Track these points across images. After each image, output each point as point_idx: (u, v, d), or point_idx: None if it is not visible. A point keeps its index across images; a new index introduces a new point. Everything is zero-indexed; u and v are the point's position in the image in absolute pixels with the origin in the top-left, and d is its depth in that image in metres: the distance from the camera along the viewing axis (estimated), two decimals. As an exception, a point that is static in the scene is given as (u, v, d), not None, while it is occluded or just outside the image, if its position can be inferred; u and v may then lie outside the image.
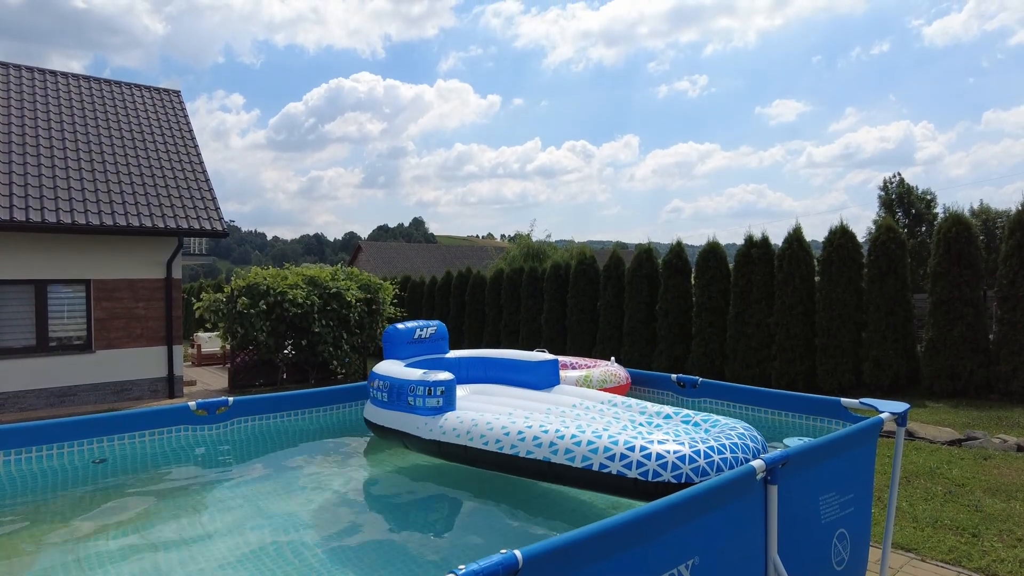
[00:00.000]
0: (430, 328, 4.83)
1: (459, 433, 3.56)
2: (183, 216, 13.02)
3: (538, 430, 3.33)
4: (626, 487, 3.00)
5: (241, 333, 13.18)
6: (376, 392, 4.09)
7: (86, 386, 12.26)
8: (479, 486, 3.95)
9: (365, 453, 4.53)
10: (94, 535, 3.11)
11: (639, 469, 2.96)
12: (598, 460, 3.06)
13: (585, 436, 3.19)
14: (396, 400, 3.91)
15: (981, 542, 4.66)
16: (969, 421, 8.59)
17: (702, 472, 2.93)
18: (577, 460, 3.11)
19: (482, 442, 3.43)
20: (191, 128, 15.39)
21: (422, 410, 3.79)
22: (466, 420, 3.62)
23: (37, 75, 14.17)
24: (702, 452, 2.99)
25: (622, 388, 5.58)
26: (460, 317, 19.91)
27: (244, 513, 3.40)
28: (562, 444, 3.19)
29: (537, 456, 3.23)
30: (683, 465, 2.94)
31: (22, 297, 11.78)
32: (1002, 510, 5.27)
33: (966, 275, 10.22)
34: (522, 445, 3.30)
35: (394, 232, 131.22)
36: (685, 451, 2.98)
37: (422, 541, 3.27)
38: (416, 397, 3.81)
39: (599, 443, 3.11)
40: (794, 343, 11.64)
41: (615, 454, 3.03)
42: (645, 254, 14.50)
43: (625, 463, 3.00)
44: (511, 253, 28.68)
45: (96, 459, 3.76)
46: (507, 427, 3.44)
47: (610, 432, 3.23)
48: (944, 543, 4.65)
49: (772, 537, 2.75)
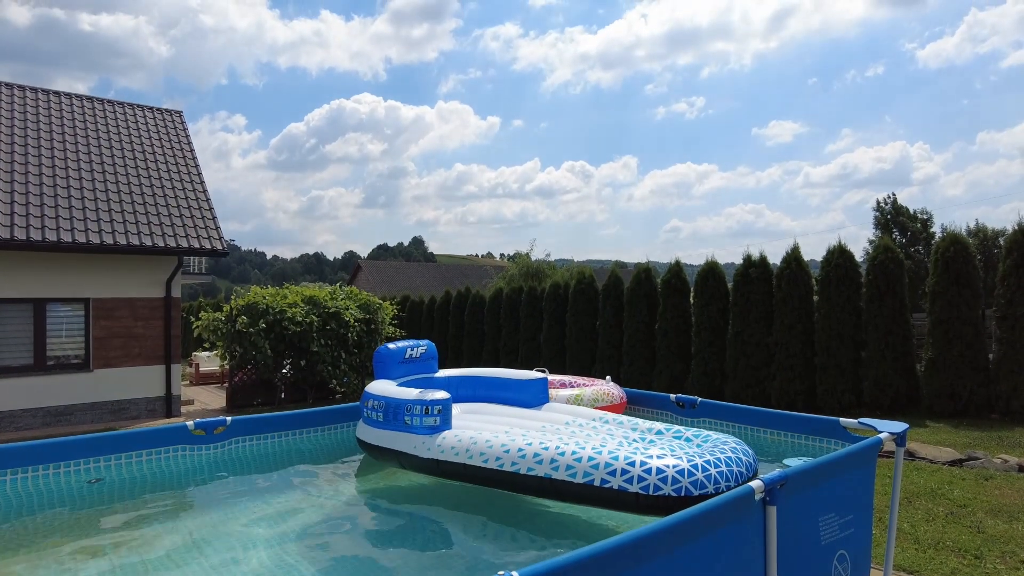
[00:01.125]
0: (420, 348, 4.87)
1: (458, 451, 3.58)
2: (183, 235, 13.06)
3: (538, 447, 3.37)
4: (627, 502, 3.04)
5: (240, 352, 13.15)
6: (370, 412, 4.10)
7: (83, 405, 12.20)
8: (476, 506, 3.92)
9: (362, 473, 4.50)
10: (90, 555, 3.09)
11: (640, 484, 3.00)
12: (599, 476, 3.10)
13: (586, 452, 3.23)
14: (392, 419, 3.92)
15: (983, 564, 4.62)
16: (970, 441, 8.56)
17: (700, 485, 2.97)
18: (579, 476, 3.15)
19: (482, 460, 3.46)
20: (192, 148, 15.50)
21: (419, 429, 3.81)
22: (464, 438, 3.64)
23: (41, 95, 14.31)
24: (700, 466, 3.04)
25: (616, 408, 5.56)
26: (459, 337, 19.89)
27: (240, 533, 3.37)
28: (563, 460, 3.23)
29: (538, 473, 3.27)
30: (683, 479, 2.98)
31: (21, 315, 11.77)
32: (1004, 531, 5.23)
33: (965, 294, 10.24)
34: (523, 462, 3.33)
35: (394, 251, 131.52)
36: (684, 465, 3.04)
37: (420, 561, 3.24)
38: (413, 416, 3.83)
39: (600, 459, 3.16)
40: (793, 362, 11.62)
41: (616, 469, 3.08)
42: (644, 273, 14.53)
43: (626, 478, 3.04)
44: (510, 272, 28.74)
45: (92, 479, 3.73)
46: (507, 444, 3.47)
47: (609, 448, 3.27)
48: (946, 565, 4.61)
49: (771, 559, 2.73)
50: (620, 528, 3.55)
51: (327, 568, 3.04)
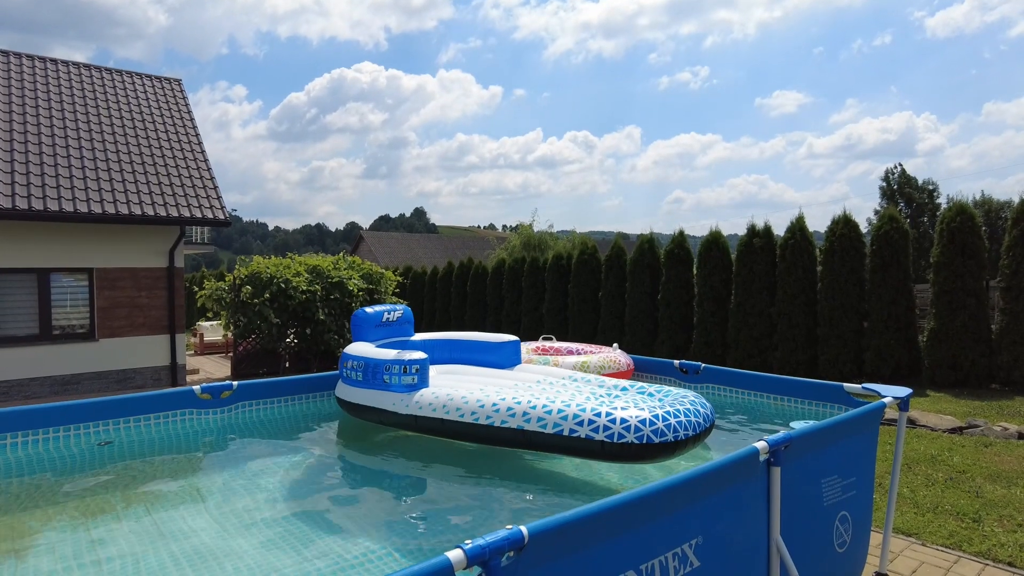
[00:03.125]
0: (397, 312, 5.02)
1: (435, 407, 3.78)
2: (185, 205, 13.01)
3: (511, 401, 3.59)
4: (593, 450, 3.31)
5: (244, 322, 13.20)
6: (350, 372, 4.26)
7: (89, 374, 12.29)
8: (485, 465, 4.00)
9: (368, 435, 4.55)
10: (100, 511, 3.14)
11: (605, 432, 3.26)
12: (568, 426, 3.35)
13: (555, 405, 3.47)
14: (371, 379, 4.10)
15: (981, 527, 4.68)
16: (970, 410, 8.61)
17: (660, 434, 3.23)
18: (549, 427, 3.40)
19: (458, 415, 3.68)
20: (192, 116, 15.35)
21: (397, 387, 4.00)
22: (441, 395, 3.84)
23: (38, 63, 14.13)
24: (660, 416, 3.30)
25: (624, 375, 5.58)
26: (462, 307, 19.93)
27: (245, 491, 3.42)
28: (534, 413, 3.47)
29: (511, 425, 3.51)
30: (644, 427, 3.23)
31: (25, 286, 11.79)
32: (1002, 496, 5.29)
33: (969, 265, 10.20)
34: (496, 416, 3.56)
35: (396, 223, 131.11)
36: (646, 415, 3.29)
37: (429, 517, 3.29)
38: (392, 375, 4.01)
39: (568, 411, 3.40)
40: (796, 332, 11.64)
41: (583, 420, 3.33)
42: (647, 244, 14.48)
43: (592, 427, 3.29)
44: (512, 243, 28.67)
45: (101, 441, 3.78)
46: (481, 400, 3.68)
47: (577, 402, 3.50)
48: (945, 528, 4.67)
49: (775, 518, 2.76)
50: (625, 487, 3.60)
51: (331, 525, 3.09)
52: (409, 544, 2.92)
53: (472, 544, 1.65)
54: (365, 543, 2.87)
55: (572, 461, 3.98)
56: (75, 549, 2.77)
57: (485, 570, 1.68)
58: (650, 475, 3.68)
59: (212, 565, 2.63)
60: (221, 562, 2.66)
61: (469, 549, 1.63)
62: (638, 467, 3.77)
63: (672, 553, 2.29)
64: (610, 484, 3.65)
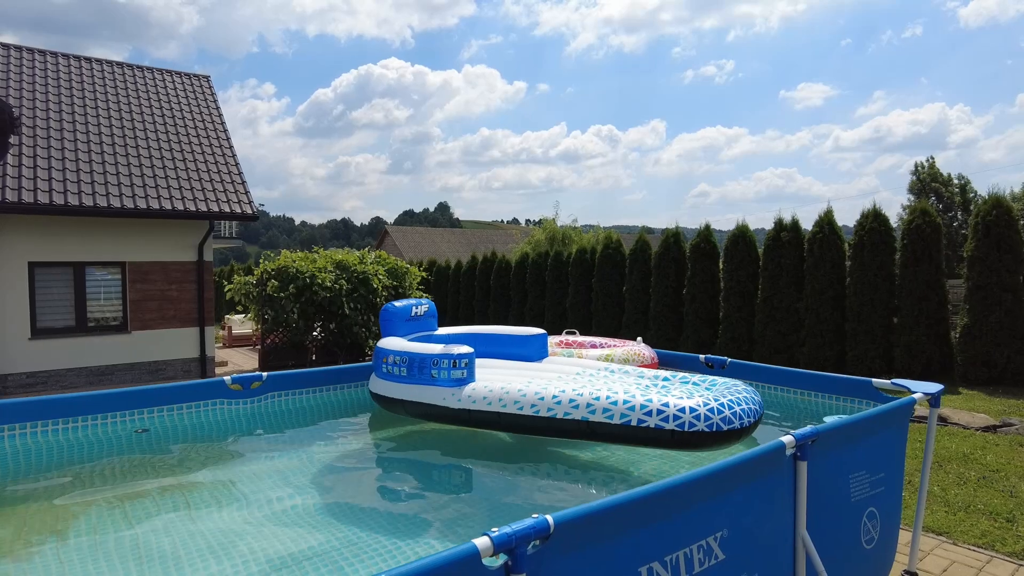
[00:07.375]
0: (423, 306, 5.04)
1: (490, 400, 3.77)
2: (213, 199, 13.24)
3: (572, 393, 3.61)
4: (664, 439, 3.35)
5: (271, 316, 13.40)
6: (390, 367, 4.24)
7: (123, 365, 12.61)
8: (513, 455, 4.02)
9: (393, 425, 4.61)
10: (137, 497, 3.24)
11: (676, 422, 3.30)
12: (636, 416, 3.38)
13: (620, 396, 3.50)
14: (418, 373, 4.08)
15: (1016, 527, 4.59)
16: (1005, 408, 8.42)
17: (728, 422, 3.29)
18: (616, 417, 3.42)
19: (516, 407, 3.68)
20: (221, 112, 15.59)
21: (446, 382, 3.99)
22: (495, 388, 3.83)
23: (73, 61, 14.46)
24: (725, 404, 3.37)
25: (648, 368, 5.56)
26: (485, 301, 19.99)
27: (276, 479, 3.50)
28: (599, 404, 3.49)
29: (575, 416, 3.53)
30: (713, 416, 3.29)
31: (63, 279, 12.13)
32: (1038, 496, 5.17)
33: (1005, 260, 9.95)
34: (559, 408, 3.57)
35: (420, 217, 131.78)
36: (712, 404, 3.35)
37: (454, 507, 3.33)
38: (440, 370, 4.00)
39: (635, 401, 3.43)
40: (824, 328, 11.47)
41: (651, 410, 3.37)
42: (673, 238, 14.38)
43: (662, 417, 3.33)
44: (536, 237, 28.64)
45: (139, 429, 3.89)
46: (540, 392, 3.69)
47: (640, 392, 3.55)
48: (977, 527, 4.58)
49: (801, 513, 2.75)
50: (652, 477, 3.60)
51: (360, 512, 3.15)
52: (436, 532, 2.96)
53: (499, 532, 1.67)
54: (393, 530, 2.92)
55: (598, 452, 3.99)
56: (115, 532, 2.87)
57: (511, 557, 1.71)
58: (680, 468, 3.69)
59: (244, 551, 2.70)
60: (252, 547, 2.73)
61: (496, 536, 1.65)
62: (668, 459, 3.79)
63: (697, 545, 2.29)
64: (636, 474, 3.67)
